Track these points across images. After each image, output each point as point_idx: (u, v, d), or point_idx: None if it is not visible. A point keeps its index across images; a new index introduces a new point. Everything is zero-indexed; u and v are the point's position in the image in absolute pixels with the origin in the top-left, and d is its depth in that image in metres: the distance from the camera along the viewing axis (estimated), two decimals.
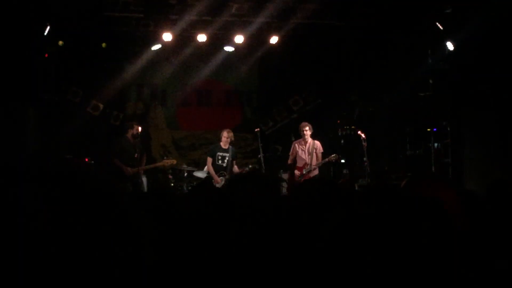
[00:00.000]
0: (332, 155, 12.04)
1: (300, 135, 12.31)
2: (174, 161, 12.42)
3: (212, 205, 3.18)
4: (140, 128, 12.16)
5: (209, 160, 12.46)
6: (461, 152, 12.58)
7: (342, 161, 13.88)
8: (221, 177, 12.22)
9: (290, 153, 12.49)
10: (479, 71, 11.51)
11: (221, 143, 12.47)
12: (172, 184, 13.30)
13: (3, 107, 11.50)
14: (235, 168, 12.55)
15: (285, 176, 13.05)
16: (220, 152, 12.44)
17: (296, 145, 12.37)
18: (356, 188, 11.45)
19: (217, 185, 11.78)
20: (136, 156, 11.90)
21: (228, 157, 12.42)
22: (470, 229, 2.63)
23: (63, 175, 1.01)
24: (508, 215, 2.75)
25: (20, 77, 11.64)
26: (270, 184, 3.98)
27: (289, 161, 12.46)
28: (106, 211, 1.62)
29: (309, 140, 12.17)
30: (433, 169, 12.83)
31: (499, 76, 10.90)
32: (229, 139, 12.44)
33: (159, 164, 12.76)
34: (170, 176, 13.67)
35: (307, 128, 12.11)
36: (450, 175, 12.45)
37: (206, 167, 12.54)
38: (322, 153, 12.19)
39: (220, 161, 12.40)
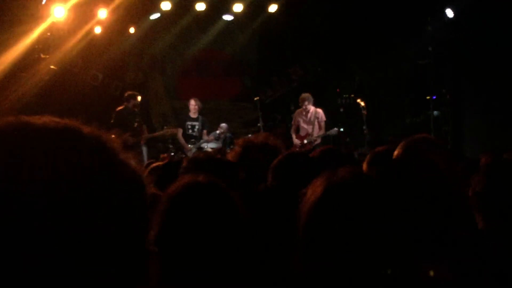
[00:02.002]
0: (332, 129, 11.99)
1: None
2: (175, 130, 12.43)
3: None
4: (139, 98, 12.14)
5: (180, 130, 12.42)
6: (461, 120, 12.60)
7: (342, 129, 13.88)
8: (190, 145, 12.23)
9: (292, 123, 12.48)
10: (479, 39, 11.47)
11: (190, 113, 12.46)
12: (172, 153, 13.32)
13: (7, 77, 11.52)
14: (206, 137, 12.50)
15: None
16: (189, 121, 12.45)
17: (297, 115, 12.35)
18: (356, 156, 11.47)
19: (188, 153, 11.89)
20: (135, 125, 11.90)
21: (198, 125, 12.43)
22: (466, 192, 2.65)
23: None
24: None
25: (20, 46, 11.64)
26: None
27: (292, 131, 12.44)
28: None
29: (311, 109, 12.11)
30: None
31: (498, 43, 10.87)
32: (197, 107, 12.43)
33: (160, 133, 12.75)
34: (171, 146, 13.68)
35: (306, 102, 12.03)
36: (450, 143, 12.48)
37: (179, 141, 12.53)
38: (325, 122, 12.13)
39: (190, 131, 12.42)
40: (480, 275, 2.19)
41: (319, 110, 12.13)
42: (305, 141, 11.99)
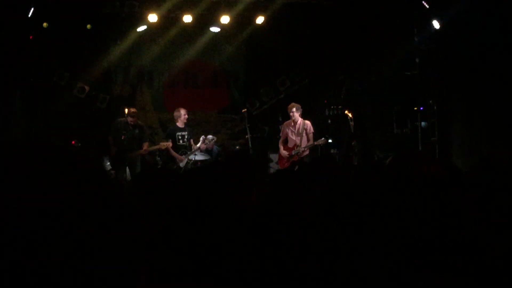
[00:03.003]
0: (320, 139, 11.98)
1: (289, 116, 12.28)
2: (170, 144, 12.37)
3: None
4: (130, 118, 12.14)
5: (170, 141, 12.38)
6: (448, 130, 12.65)
7: (330, 141, 13.91)
8: (183, 155, 12.22)
9: (280, 134, 12.47)
10: (465, 50, 11.54)
11: (178, 123, 12.48)
12: (159, 166, 13.28)
13: None
14: (194, 146, 12.50)
15: (273, 157, 13.05)
16: (179, 132, 12.45)
17: (285, 126, 12.34)
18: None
19: (181, 164, 11.90)
20: (122, 138, 11.89)
21: (187, 135, 12.45)
22: (457, 203, 2.65)
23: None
24: (494, 190, 2.77)
25: (6, 60, 11.57)
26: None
27: (280, 142, 12.41)
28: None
29: (299, 120, 12.09)
30: (420, 148, 12.88)
31: (485, 54, 10.93)
32: (187, 116, 12.52)
33: (155, 147, 12.68)
34: (158, 158, 13.65)
35: (294, 109, 12.03)
36: (437, 154, 12.53)
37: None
38: (313, 133, 12.12)
39: (181, 141, 12.41)
40: (475, 280, 2.19)
41: (307, 122, 12.11)
42: (293, 153, 11.95)
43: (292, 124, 12.14)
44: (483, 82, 11.20)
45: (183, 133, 12.42)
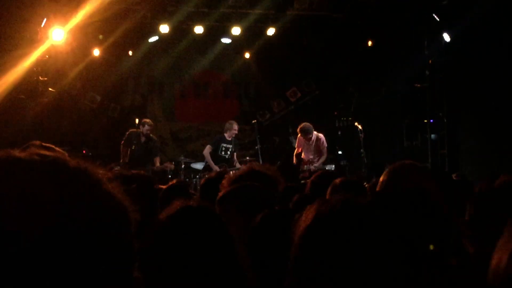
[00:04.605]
0: (331, 165, 11.86)
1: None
2: (173, 167, 12.28)
3: None
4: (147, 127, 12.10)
5: (209, 148, 12.23)
6: (458, 143, 12.62)
7: (339, 152, 13.88)
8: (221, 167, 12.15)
9: (296, 144, 12.14)
10: (475, 62, 11.53)
11: (226, 135, 12.33)
12: (170, 176, 13.29)
13: (6, 100, 11.58)
14: (235, 161, 12.48)
15: None
16: (225, 143, 12.31)
17: (300, 139, 12.00)
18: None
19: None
20: (133, 148, 11.91)
21: (231, 148, 12.38)
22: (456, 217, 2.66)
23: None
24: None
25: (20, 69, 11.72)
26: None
27: (297, 151, 12.00)
28: None
29: (313, 136, 11.85)
30: (429, 160, 12.84)
31: (495, 67, 10.91)
32: (236, 132, 12.40)
33: (161, 167, 12.49)
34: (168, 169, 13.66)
35: (309, 135, 11.67)
36: (447, 166, 12.48)
37: (206, 159, 12.34)
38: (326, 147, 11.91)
39: (223, 153, 12.27)
40: None
41: (321, 136, 11.83)
42: (305, 168, 11.75)
43: (307, 140, 11.84)
44: (493, 95, 11.18)
45: (228, 145, 12.32)
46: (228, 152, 12.35)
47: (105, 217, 1.01)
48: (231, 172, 11.63)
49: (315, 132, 11.85)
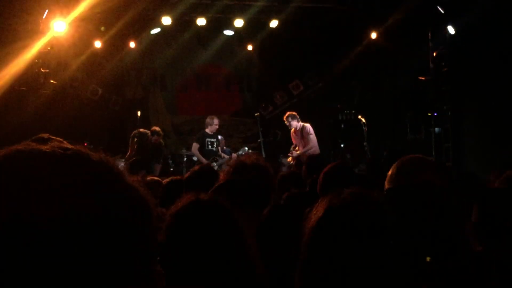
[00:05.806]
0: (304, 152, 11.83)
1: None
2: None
3: None
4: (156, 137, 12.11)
5: (196, 145, 12.31)
6: (462, 136, 12.56)
7: (342, 145, 13.84)
8: (213, 163, 12.13)
9: (292, 138, 12.34)
10: (480, 55, 11.46)
11: (208, 130, 12.36)
12: (172, 169, 13.28)
13: (8, 92, 11.56)
14: (223, 154, 12.49)
15: (285, 161, 12.95)
16: (209, 138, 12.38)
17: (292, 132, 12.18)
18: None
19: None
20: (135, 147, 11.92)
21: (216, 142, 12.42)
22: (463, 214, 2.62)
23: None
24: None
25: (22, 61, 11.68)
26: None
27: (291, 147, 12.28)
28: None
29: (298, 126, 11.87)
30: (433, 154, 12.79)
31: (499, 60, 10.85)
32: (217, 127, 12.45)
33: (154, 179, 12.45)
34: (170, 161, 13.65)
35: (289, 118, 11.83)
36: (451, 160, 12.44)
37: (196, 156, 12.39)
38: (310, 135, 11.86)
39: (210, 146, 12.35)
40: None
41: (306, 125, 11.87)
42: (294, 155, 11.83)
43: (294, 130, 11.98)
44: (497, 88, 11.11)
45: (212, 139, 12.39)
46: (215, 145, 12.42)
47: (128, 209, 1.02)
48: (217, 165, 11.81)
49: (300, 123, 11.83)
